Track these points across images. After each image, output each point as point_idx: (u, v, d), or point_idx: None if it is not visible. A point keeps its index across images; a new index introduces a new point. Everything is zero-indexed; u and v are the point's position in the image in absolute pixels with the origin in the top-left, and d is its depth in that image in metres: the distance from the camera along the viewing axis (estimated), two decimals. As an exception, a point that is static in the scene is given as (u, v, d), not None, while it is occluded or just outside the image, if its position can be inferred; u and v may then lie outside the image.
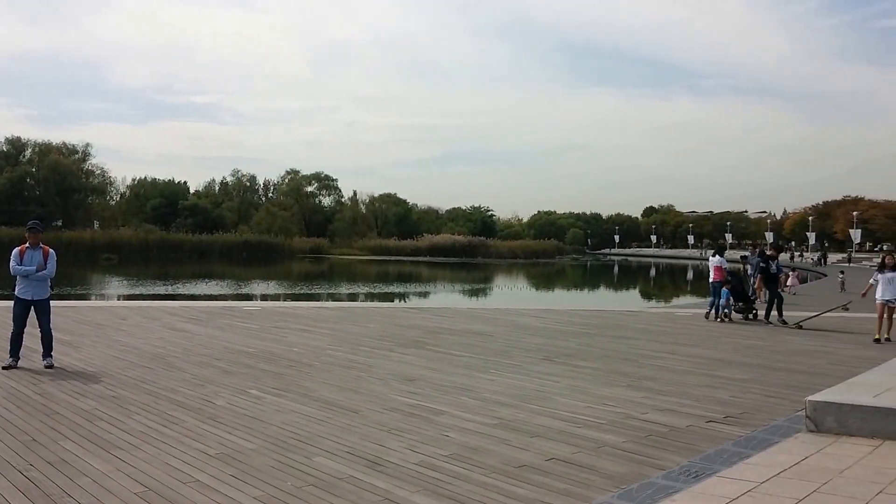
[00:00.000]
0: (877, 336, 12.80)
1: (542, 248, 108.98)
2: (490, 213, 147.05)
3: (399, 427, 6.39)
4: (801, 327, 14.97)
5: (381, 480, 4.93)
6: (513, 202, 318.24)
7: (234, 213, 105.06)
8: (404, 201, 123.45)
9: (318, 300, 30.40)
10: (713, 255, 17.28)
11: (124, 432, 6.01)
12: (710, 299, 17.00)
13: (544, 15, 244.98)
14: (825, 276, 48.47)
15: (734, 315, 16.66)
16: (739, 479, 4.80)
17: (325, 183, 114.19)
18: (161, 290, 34.98)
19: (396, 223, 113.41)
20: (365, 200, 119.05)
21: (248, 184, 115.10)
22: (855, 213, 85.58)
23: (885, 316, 12.86)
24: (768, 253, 17.24)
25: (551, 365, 9.86)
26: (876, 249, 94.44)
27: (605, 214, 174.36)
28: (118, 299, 29.62)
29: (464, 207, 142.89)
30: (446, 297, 35.96)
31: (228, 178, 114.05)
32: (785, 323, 15.30)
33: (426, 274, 59.56)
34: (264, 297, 33.03)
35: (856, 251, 78.44)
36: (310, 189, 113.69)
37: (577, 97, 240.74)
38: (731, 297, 16.57)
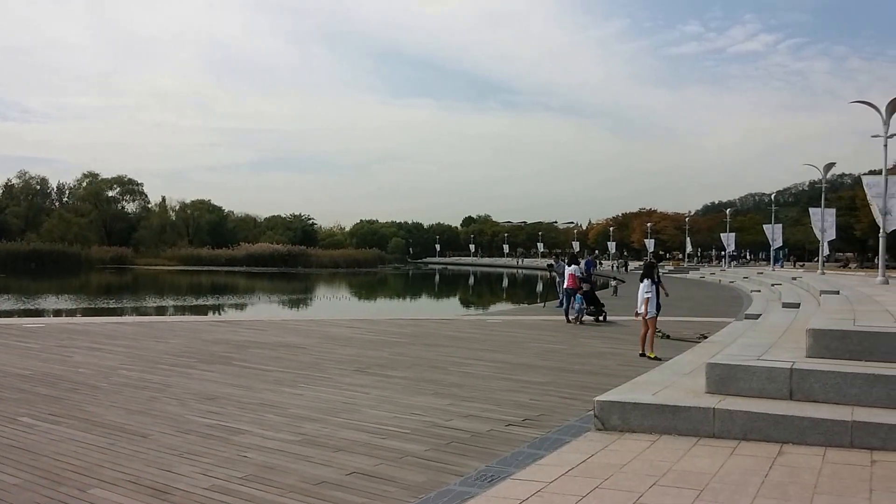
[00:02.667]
0: (651, 354, 11.62)
1: (364, 256, 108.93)
2: (311, 221, 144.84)
3: (193, 450, 5.99)
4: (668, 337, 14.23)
5: (165, 510, 4.56)
6: (335, 210, 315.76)
7: (20, 219, 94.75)
8: (219, 208, 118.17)
9: (117, 315, 28.09)
10: (568, 265, 18.87)
11: None
12: (564, 305, 18.60)
13: (364, 24, 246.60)
14: (624, 282, 52.69)
15: (586, 318, 18.04)
16: (531, 480, 4.98)
17: (129, 187, 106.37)
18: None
19: (210, 231, 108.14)
20: (175, 207, 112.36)
21: (37, 187, 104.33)
22: (649, 224, 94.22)
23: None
24: (651, 262, 17.88)
25: (362, 376, 9.77)
26: (668, 258, 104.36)
27: (426, 224, 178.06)
28: None
29: (284, 215, 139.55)
30: (262, 309, 34.74)
31: (14, 181, 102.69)
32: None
33: (242, 285, 57.25)
34: (56, 313, 29.96)
35: (620, 257, 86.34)
36: (111, 194, 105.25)
37: (398, 107, 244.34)
38: (584, 302, 17.94)
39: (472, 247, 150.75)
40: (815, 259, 48.22)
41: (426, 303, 47.15)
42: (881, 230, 21.51)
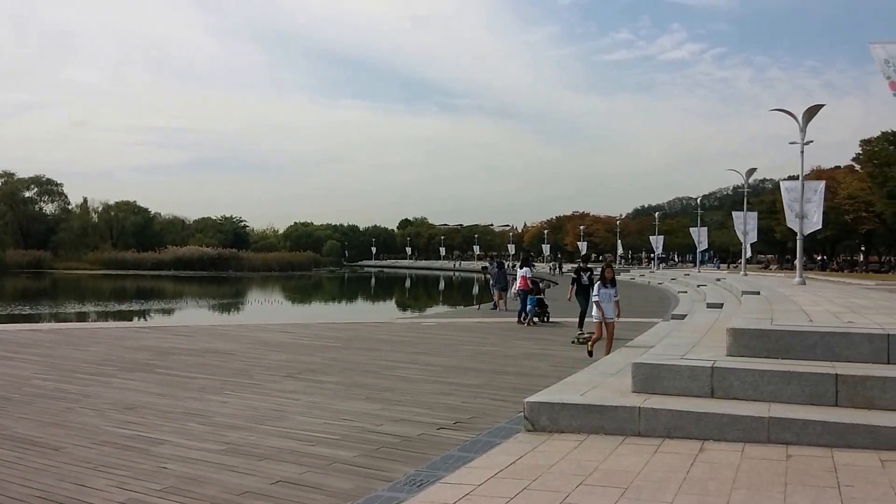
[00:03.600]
0: (591, 349, 11.69)
1: (298, 260, 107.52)
2: (243, 223, 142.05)
3: (109, 462, 5.74)
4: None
5: (77, 527, 4.34)
6: (268, 213, 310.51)
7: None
8: (145, 210, 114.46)
9: (33, 322, 26.82)
10: (520, 267, 19.44)
11: None
12: (519, 307, 18.96)
13: (298, 23, 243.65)
14: (557, 283, 53.52)
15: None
16: (460, 484, 4.96)
17: (48, 188, 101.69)
18: None
19: (135, 234, 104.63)
20: (98, 208, 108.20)
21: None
22: (581, 227, 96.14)
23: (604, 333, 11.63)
24: (580, 265, 17.07)
25: (293, 382, 9.59)
26: (599, 259, 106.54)
27: (362, 226, 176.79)
28: None
29: (214, 217, 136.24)
30: (190, 314, 33.78)
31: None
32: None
33: (170, 289, 55.60)
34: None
35: (554, 259, 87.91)
36: (28, 194, 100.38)
37: (333, 107, 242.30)
38: (536, 305, 18.43)
39: (408, 249, 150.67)
40: (739, 261, 50.03)
41: (361, 306, 46.79)
42: (798, 233, 22.47)
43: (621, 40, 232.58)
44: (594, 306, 11.63)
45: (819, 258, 69.21)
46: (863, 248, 68.77)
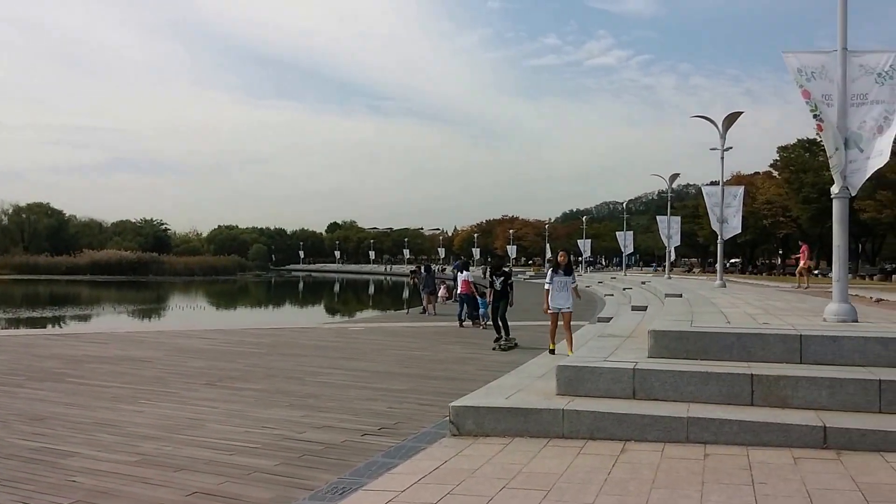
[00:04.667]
0: (552, 346, 10.89)
1: (222, 264, 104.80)
2: (164, 226, 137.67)
3: (13, 477, 5.40)
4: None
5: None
6: (191, 215, 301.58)
7: None
8: (59, 212, 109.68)
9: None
10: (460, 272, 19.86)
11: None
12: (458, 310, 19.08)
13: (222, 21, 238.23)
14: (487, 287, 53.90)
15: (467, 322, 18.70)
16: (383, 490, 4.86)
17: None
18: None
19: (49, 237, 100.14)
20: (7, 210, 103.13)
21: None
22: (511, 231, 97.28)
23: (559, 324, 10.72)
24: (491, 267, 16.21)
25: (212, 390, 9.28)
26: (529, 263, 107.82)
27: (289, 230, 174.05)
28: None
29: (133, 220, 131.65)
30: (106, 321, 32.45)
31: None
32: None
33: (86, 295, 53.30)
34: None
35: (514, 265, 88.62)
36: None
37: (259, 108, 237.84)
38: (469, 307, 18.66)
39: (337, 253, 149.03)
40: (664, 264, 51.54)
41: (288, 311, 45.96)
42: (719, 237, 23.29)
43: (550, 45, 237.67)
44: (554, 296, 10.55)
45: (739, 261, 71.96)
46: (780, 252, 71.90)
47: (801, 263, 27.15)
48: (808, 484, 4.74)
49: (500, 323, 13.93)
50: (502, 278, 14.18)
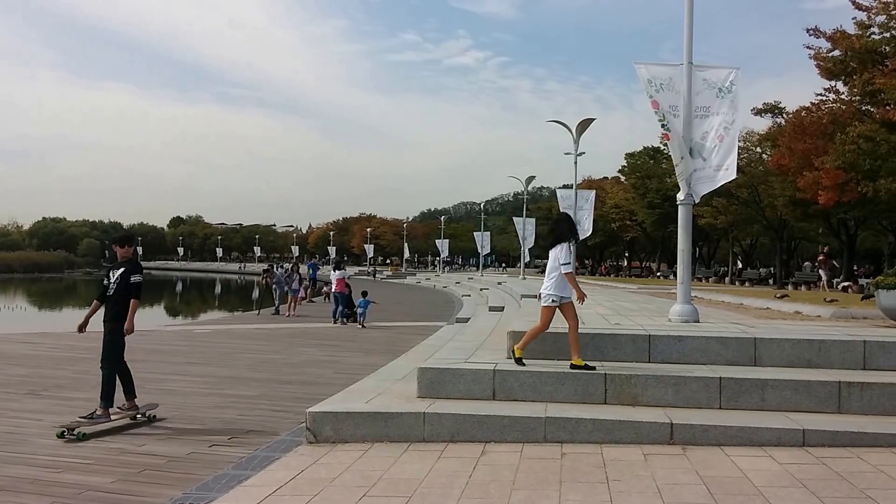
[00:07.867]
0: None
1: (46, 260, 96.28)
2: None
3: None
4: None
5: None
6: (9, 205, 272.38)
7: None
8: None
9: None
10: (335, 270, 20.51)
11: None
12: (333, 307, 19.79)
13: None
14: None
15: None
16: (233, 508, 4.52)
17: None
18: None
19: None
20: None
21: None
22: (368, 230, 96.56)
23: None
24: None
25: (36, 400, 8.38)
26: (387, 263, 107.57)
27: (126, 224, 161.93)
28: None
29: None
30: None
31: None
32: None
33: None
34: None
35: (370, 264, 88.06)
36: None
37: (89, 89, 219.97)
38: (346, 306, 19.17)
39: (180, 250, 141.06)
40: (518, 265, 53.11)
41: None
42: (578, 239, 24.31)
43: (409, 42, 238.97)
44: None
45: (588, 263, 75.54)
46: (626, 254, 76.27)
47: (824, 278, 26.14)
48: (657, 479, 4.91)
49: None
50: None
